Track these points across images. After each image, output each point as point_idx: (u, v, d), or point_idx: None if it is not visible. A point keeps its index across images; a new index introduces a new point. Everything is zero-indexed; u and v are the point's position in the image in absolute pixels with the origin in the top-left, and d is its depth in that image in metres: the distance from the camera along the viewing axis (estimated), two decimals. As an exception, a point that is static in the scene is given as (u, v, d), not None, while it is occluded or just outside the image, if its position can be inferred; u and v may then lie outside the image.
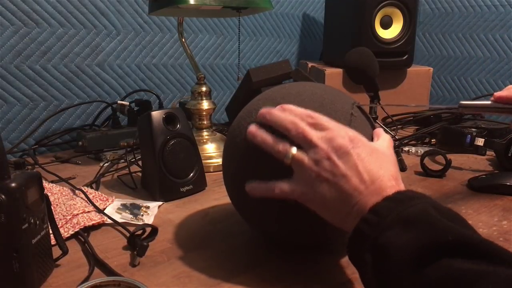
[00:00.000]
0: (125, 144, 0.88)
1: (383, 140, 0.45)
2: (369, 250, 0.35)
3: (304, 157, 0.40)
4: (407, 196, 0.36)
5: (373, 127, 0.50)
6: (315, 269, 0.48)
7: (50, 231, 0.46)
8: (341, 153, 0.39)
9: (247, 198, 0.46)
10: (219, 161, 0.85)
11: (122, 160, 0.89)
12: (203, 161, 0.75)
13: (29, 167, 0.83)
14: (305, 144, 0.40)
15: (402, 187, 0.39)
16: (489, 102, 0.58)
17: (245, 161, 0.48)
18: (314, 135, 0.40)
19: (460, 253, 0.29)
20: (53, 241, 0.47)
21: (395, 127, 1.11)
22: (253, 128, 0.44)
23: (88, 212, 0.60)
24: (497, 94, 0.53)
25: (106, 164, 0.87)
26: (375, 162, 0.39)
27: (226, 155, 0.52)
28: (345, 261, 0.50)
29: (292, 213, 0.45)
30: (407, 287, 0.31)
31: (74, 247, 0.52)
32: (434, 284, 0.29)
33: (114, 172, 0.83)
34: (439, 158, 0.87)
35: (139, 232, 0.53)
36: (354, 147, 0.39)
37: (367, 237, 0.35)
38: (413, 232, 0.32)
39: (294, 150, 0.41)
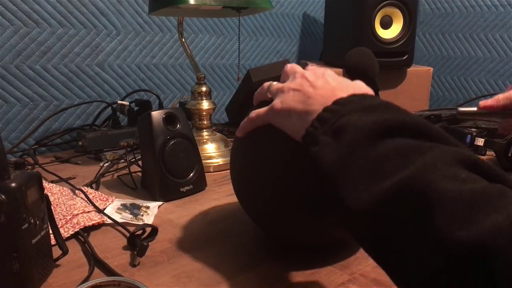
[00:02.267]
0: (125, 144, 0.88)
1: None
2: (326, 132, 0.35)
3: (282, 84, 0.43)
4: (371, 96, 0.38)
5: None
6: (315, 269, 0.48)
7: (50, 231, 0.46)
8: (314, 73, 0.42)
9: (254, 195, 0.46)
10: (219, 161, 0.85)
11: (122, 160, 0.89)
12: (203, 161, 0.75)
13: (29, 167, 0.83)
14: (286, 78, 0.44)
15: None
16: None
17: (251, 155, 0.48)
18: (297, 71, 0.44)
19: (415, 133, 0.31)
20: (53, 241, 0.47)
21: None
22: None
23: (88, 212, 0.60)
24: (482, 103, 0.53)
25: (106, 164, 0.87)
26: (344, 81, 0.41)
27: (232, 155, 0.53)
28: (345, 261, 0.50)
29: (298, 213, 0.45)
30: (361, 158, 0.32)
31: (74, 247, 0.52)
32: (387, 154, 0.31)
33: (114, 172, 0.83)
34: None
35: (139, 232, 0.53)
36: (325, 73, 0.42)
37: (326, 121, 0.36)
38: (373, 115, 0.33)
39: (275, 83, 0.45)
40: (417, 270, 0.26)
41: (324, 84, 0.40)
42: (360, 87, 0.40)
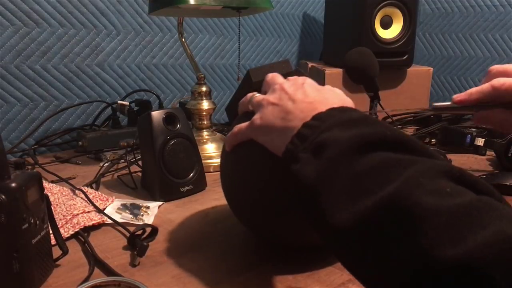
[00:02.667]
0: (125, 144, 0.88)
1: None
2: (306, 149, 0.35)
3: (262, 97, 0.44)
4: (350, 108, 0.37)
5: None
6: (315, 269, 0.48)
7: (50, 231, 0.46)
8: (294, 84, 0.42)
9: (244, 200, 0.46)
10: (219, 161, 0.85)
11: (122, 160, 0.89)
12: (203, 161, 0.75)
13: (29, 167, 0.83)
14: (267, 88, 0.45)
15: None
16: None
17: (237, 161, 0.48)
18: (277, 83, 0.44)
19: (396, 147, 0.31)
20: (53, 241, 0.47)
21: (395, 127, 1.11)
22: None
23: (88, 212, 0.60)
24: (456, 97, 0.53)
25: (106, 164, 0.87)
26: (324, 91, 0.41)
27: (221, 162, 0.53)
28: (345, 261, 0.50)
29: (292, 216, 0.45)
30: (342, 175, 0.31)
31: (74, 247, 0.52)
32: (368, 170, 0.30)
33: (114, 172, 0.83)
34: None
35: (139, 232, 0.53)
36: (305, 83, 0.42)
37: (306, 138, 0.35)
38: (352, 130, 0.33)
39: (256, 94, 0.45)
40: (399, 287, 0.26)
41: (303, 97, 0.39)
42: (340, 98, 0.40)
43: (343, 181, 0.31)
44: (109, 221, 0.58)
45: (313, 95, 0.39)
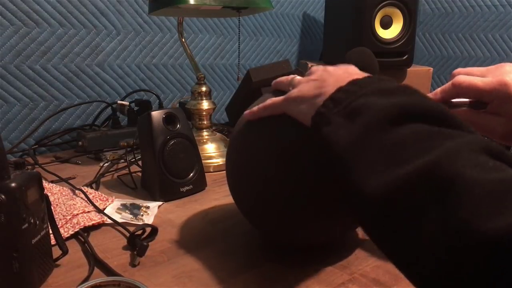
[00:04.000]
0: (125, 144, 0.88)
1: None
2: (340, 113, 0.34)
3: (303, 77, 0.44)
4: (389, 78, 0.36)
5: None
6: (315, 269, 0.48)
7: (50, 231, 0.46)
8: (336, 66, 0.41)
9: (246, 190, 0.46)
10: (219, 161, 0.85)
11: (122, 160, 0.89)
12: (203, 161, 0.75)
13: (29, 167, 0.83)
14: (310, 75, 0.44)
15: None
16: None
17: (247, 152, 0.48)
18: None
19: (436, 120, 0.30)
20: (53, 241, 0.47)
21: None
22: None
23: (88, 212, 0.60)
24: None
25: (106, 164, 0.87)
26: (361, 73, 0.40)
27: (228, 152, 0.53)
28: (345, 261, 0.50)
29: (293, 212, 0.45)
30: (378, 142, 0.30)
31: (74, 247, 0.52)
32: (405, 139, 0.29)
33: (114, 172, 0.83)
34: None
35: (139, 232, 0.53)
36: (351, 67, 0.41)
37: (340, 102, 0.34)
38: (391, 98, 0.32)
39: (298, 77, 0.45)
40: (432, 262, 0.25)
41: (343, 72, 0.39)
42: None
43: (377, 147, 0.30)
44: (109, 221, 0.58)
45: (355, 71, 0.39)
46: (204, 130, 0.88)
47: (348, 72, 0.39)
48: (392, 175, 0.28)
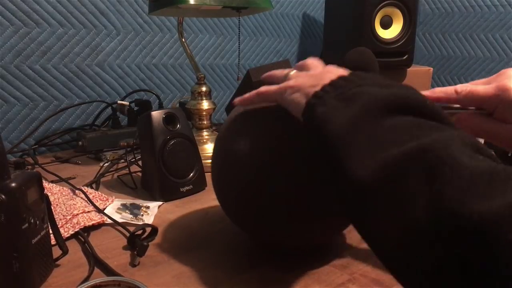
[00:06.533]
0: (125, 144, 0.88)
1: None
2: (338, 97, 0.34)
3: (301, 72, 0.44)
4: (389, 79, 0.37)
5: None
6: (315, 269, 0.48)
7: (50, 231, 0.46)
8: (331, 67, 0.42)
9: (236, 202, 0.46)
10: (219, 161, 0.85)
11: (122, 160, 0.89)
12: (203, 161, 0.75)
13: (29, 167, 0.83)
14: (306, 68, 0.45)
15: None
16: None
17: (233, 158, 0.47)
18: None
19: (431, 115, 0.31)
20: (53, 241, 0.47)
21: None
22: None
23: (88, 212, 0.60)
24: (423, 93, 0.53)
25: (106, 164, 0.87)
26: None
27: (215, 163, 0.51)
28: (345, 261, 0.50)
29: (281, 216, 0.45)
30: (372, 127, 0.31)
31: (74, 247, 0.52)
32: (401, 125, 0.30)
33: (114, 172, 0.84)
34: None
35: (139, 232, 0.53)
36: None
37: (340, 87, 0.35)
38: (390, 90, 0.33)
39: (294, 71, 0.45)
40: (417, 242, 0.25)
41: (343, 70, 0.39)
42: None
43: (371, 131, 0.30)
44: (109, 221, 0.58)
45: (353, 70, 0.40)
46: (204, 130, 0.88)
47: (348, 70, 0.39)
48: (384, 155, 0.28)
